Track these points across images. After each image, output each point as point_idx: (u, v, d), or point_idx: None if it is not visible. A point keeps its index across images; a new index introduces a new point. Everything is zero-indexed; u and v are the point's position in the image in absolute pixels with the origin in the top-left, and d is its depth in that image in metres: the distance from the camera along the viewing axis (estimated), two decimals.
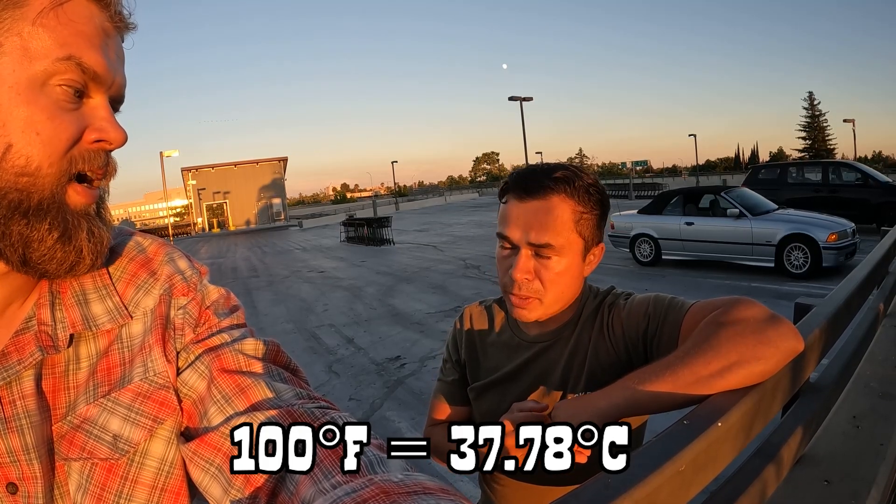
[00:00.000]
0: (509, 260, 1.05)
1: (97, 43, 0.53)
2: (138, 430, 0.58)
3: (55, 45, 0.50)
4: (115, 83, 0.56)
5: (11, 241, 0.51)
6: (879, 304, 1.83)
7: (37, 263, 0.52)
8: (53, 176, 0.51)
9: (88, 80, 0.52)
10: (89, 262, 0.55)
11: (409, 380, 5.50)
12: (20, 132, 0.49)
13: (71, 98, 0.51)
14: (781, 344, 0.76)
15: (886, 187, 11.85)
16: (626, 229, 10.74)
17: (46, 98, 0.50)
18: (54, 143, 0.50)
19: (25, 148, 0.49)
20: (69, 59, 0.50)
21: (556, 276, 1.03)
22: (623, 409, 0.79)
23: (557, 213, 1.01)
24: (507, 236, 1.04)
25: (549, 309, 1.06)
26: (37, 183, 0.50)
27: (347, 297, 10.26)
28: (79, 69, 0.51)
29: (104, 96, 0.55)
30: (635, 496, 0.53)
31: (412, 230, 23.92)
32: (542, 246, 1.01)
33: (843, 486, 1.07)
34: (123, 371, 0.59)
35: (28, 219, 0.50)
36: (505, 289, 1.07)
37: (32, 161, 0.49)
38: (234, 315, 0.68)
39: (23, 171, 0.49)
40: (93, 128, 0.53)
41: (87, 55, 0.51)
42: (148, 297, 0.63)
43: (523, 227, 1.01)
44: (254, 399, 0.59)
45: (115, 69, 0.55)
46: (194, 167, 49.90)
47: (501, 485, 1.17)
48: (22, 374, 0.54)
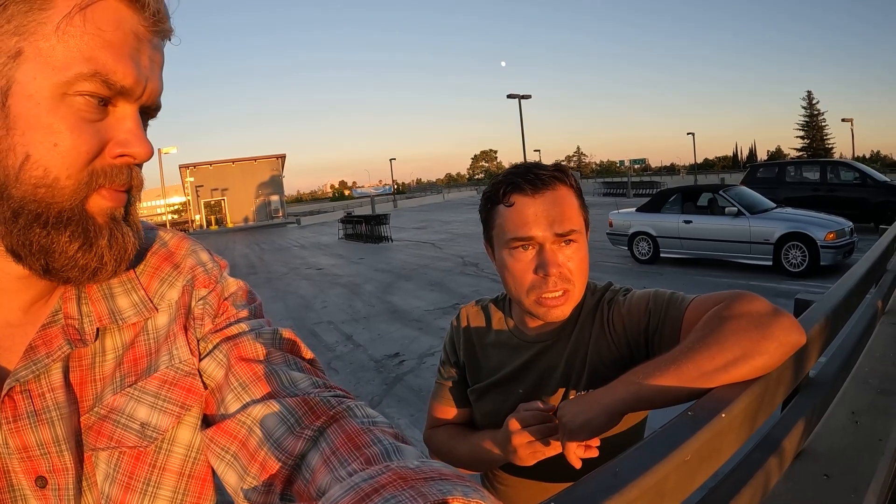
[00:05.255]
0: (533, 261, 1.02)
1: (126, 52, 0.50)
2: (166, 416, 0.59)
3: (79, 56, 0.47)
4: (148, 91, 0.53)
5: (32, 251, 0.50)
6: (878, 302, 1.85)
7: (59, 271, 0.52)
8: (72, 188, 0.50)
9: (115, 94, 0.50)
10: (111, 268, 0.54)
11: (408, 377, 5.51)
12: (39, 143, 0.47)
13: (94, 109, 0.49)
14: (784, 338, 0.77)
15: (884, 186, 11.88)
16: (625, 227, 10.76)
17: (67, 108, 0.48)
18: (73, 156, 0.49)
19: (44, 159, 0.48)
20: (94, 76, 0.48)
21: (580, 262, 1.03)
22: (628, 405, 0.79)
23: (569, 199, 1.03)
24: (531, 236, 1.00)
25: (576, 301, 1.06)
26: (55, 195, 0.49)
27: (346, 294, 10.26)
28: (104, 85, 0.49)
29: (133, 106, 0.53)
30: (642, 485, 0.54)
31: (410, 227, 23.91)
32: (568, 233, 1.01)
33: (842, 480, 1.08)
34: (149, 361, 0.60)
35: (48, 230, 0.50)
36: (532, 293, 1.03)
37: (50, 172, 0.48)
38: (252, 306, 0.69)
39: (41, 182, 0.48)
40: (116, 141, 0.52)
41: (114, 69, 0.49)
42: (172, 290, 0.64)
43: (546, 220, 1.00)
44: (270, 387, 0.60)
45: (147, 77, 0.52)
46: (192, 164, 49.83)
47: (505, 484, 1.17)
48: (50, 368, 0.54)
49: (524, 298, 1.04)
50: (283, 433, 0.56)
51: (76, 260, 0.51)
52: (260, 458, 0.56)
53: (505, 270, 1.05)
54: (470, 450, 1.11)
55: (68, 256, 0.51)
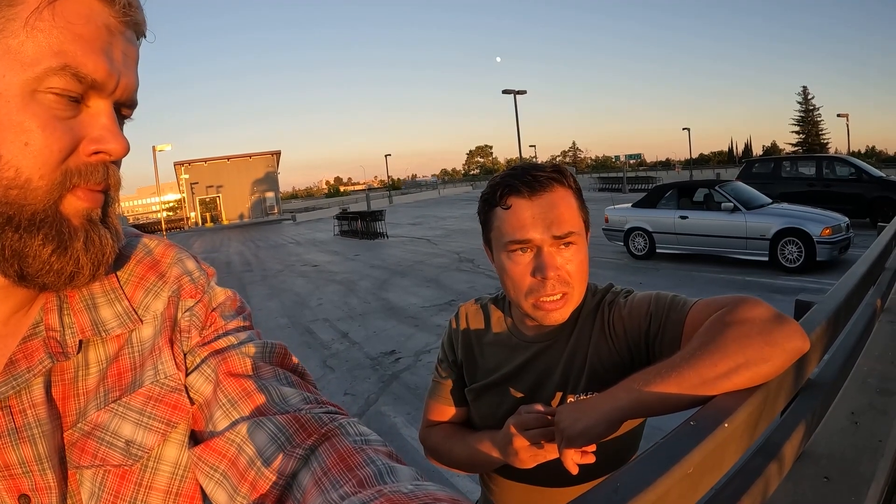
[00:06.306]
0: (531, 264, 1.01)
1: (97, 45, 0.49)
2: (151, 434, 0.57)
3: (49, 50, 0.46)
4: (122, 86, 0.52)
5: (5, 256, 0.48)
6: (877, 300, 1.84)
7: (34, 277, 0.50)
8: (45, 189, 0.48)
9: (87, 88, 0.49)
10: (89, 272, 0.52)
11: (404, 374, 5.49)
12: (9, 142, 0.46)
13: (66, 105, 0.48)
14: (787, 344, 0.75)
15: (880, 182, 11.91)
16: (621, 223, 10.76)
17: (38, 106, 0.46)
18: (45, 155, 0.47)
19: (14, 159, 0.46)
20: (64, 69, 0.46)
21: (579, 265, 1.02)
22: (628, 412, 0.78)
23: (568, 201, 1.02)
24: (529, 239, 0.99)
25: (575, 304, 1.04)
26: (27, 196, 0.47)
27: (342, 291, 10.24)
28: (75, 79, 0.47)
29: (106, 102, 0.51)
30: (644, 500, 0.52)
31: (406, 223, 23.88)
32: (566, 236, 0.99)
33: (842, 482, 1.07)
34: (134, 375, 0.58)
35: (20, 233, 0.48)
36: (530, 296, 1.01)
37: (22, 173, 0.46)
38: (241, 317, 0.67)
39: (12, 183, 0.46)
40: (90, 138, 0.50)
41: (84, 62, 0.47)
42: (157, 301, 0.62)
43: (542, 223, 0.99)
44: (260, 403, 0.58)
45: (121, 71, 0.51)
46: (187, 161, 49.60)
47: (501, 486, 1.16)
48: (31, 382, 0.52)
49: (522, 302, 1.03)
50: (274, 452, 0.54)
51: (51, 264, 0.49)
52: (250, 477, 0.54)
53: (503, 273, 1.04)
54: (468, 451, 1.10)
55: (42, 260, 0.49)
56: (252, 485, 0.54)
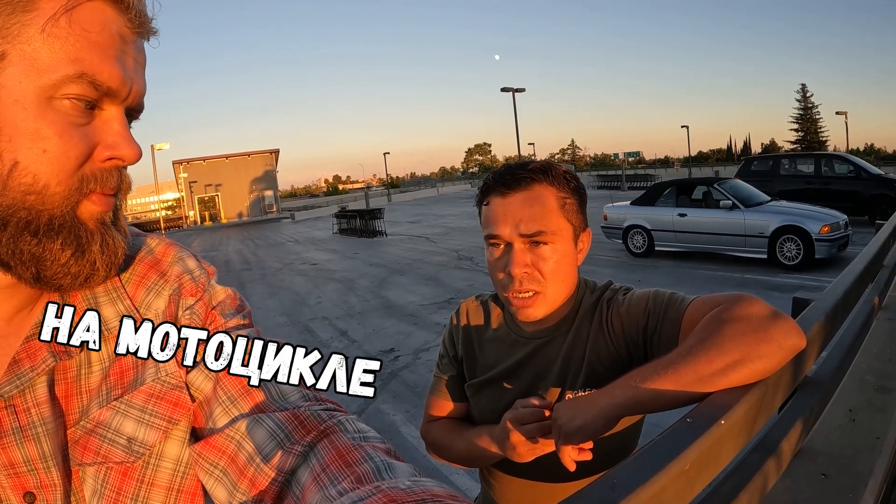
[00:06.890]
0: (503, 259, 1.04)
1: (112, 53, 0.49)
2: (153, 431, 0.58)
3: (65, 58, 0.46)
4: (133, 93, 0.52)
5: (23, 260, 0.48)
6: (874, 298, 1.84)
7: (51, 279, 0.50)
8: (62, 195, 0.48)
9: (101, 95, 0.49)
10: (103, 273, 0.53)
11: (404, 372, 5.50)
12: (27, 149, 0.46)
13: (82, 112, 0.48)
14: (784, 341, 0.75)
15: (878, 180, 11.91)
16: (619, 221, 10.76)
17: (55, 112, 0.47)
18: (62, 162, 0.47)
19: (32, 165, 0.46)
20: (81, 77, 0.47)
21: (554, 266, 1.02)
22: (625, 409, 0.78)
23: (543, 200, 1.02)
24: (498, 234, 1.03)
25: (553, 303, 1.05)
26: (45, 202, 0.48)
27: (341, 289, 10.24)
28: (91, 86, 0.47)
29: (119, 108, 0.51)
30: (641, 497, 0.53)
31: (405, 222, 23.89)
32: (535, 234, 1.00)
33: (840, 479, 1.07)
34: (136, 374, 0.59)
35: (38, 238, 0.48)
36: (504, 290, 1.05)
37: (40, 179, 0.47)
38: (241, 315, 0.68)
39: (30, 189, 0.47)
40: (105, 144, 0.51)
41: (100, 70, 0.48)
42: (159, 299, 0.62)
43: (512, 220, 1.01)
44: (259, 400, 0.59)
45: (132, 78, 0.52)
46: (185, 160, 49.65)
47: (500, 481, 1.16)
48: (35, 381, 0.53)
49: (500, 294, 1.08)
50: (273, 449, 0.55)
51: (69, 267, 0.50)
52: (249, 474, 0.55)
53: (488, 265, 1.09)
54: (467, 445, 1.12)
55: (61, 264, 0.50)
56: (251, 481, 0.54)
